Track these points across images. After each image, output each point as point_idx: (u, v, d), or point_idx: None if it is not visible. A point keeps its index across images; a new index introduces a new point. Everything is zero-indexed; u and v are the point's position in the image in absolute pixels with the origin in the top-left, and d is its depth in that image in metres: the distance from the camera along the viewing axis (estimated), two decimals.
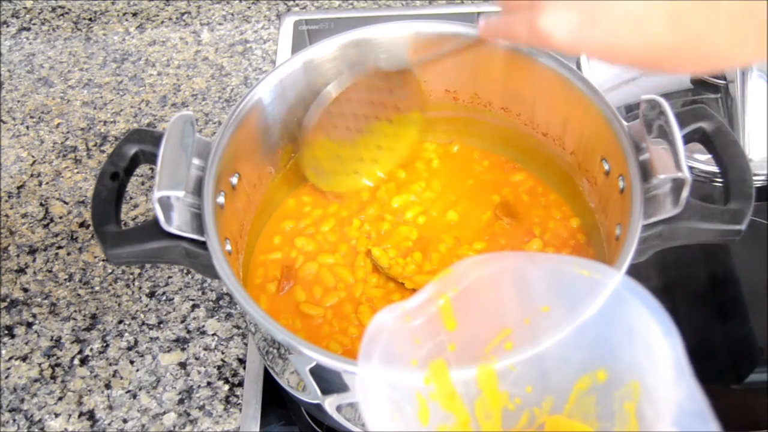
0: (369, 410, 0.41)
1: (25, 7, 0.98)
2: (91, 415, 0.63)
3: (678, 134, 0.50)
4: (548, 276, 0.45)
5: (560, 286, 0.45)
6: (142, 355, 0.66)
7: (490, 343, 0.46)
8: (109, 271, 0.72)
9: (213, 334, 0.67)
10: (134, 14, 0.97)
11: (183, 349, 0.67)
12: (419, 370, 0.44)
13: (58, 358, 0.67)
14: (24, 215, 0.77)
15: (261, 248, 0.65)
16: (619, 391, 0.44)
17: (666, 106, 0.52)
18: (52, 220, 0.76)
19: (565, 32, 0.44)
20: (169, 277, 0.71)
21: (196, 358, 0.66)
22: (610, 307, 0.43)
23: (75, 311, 0.70)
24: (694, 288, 0.69)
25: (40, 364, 0.67)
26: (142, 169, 0.79)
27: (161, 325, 0.68)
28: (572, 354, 0.44)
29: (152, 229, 0.50)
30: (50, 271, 0.72)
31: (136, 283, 0.71)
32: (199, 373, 0.65)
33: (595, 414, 0.45)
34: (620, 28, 0.42)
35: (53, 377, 0.66)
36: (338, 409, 0.53)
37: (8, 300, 0.71)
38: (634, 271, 0.49)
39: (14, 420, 0.63)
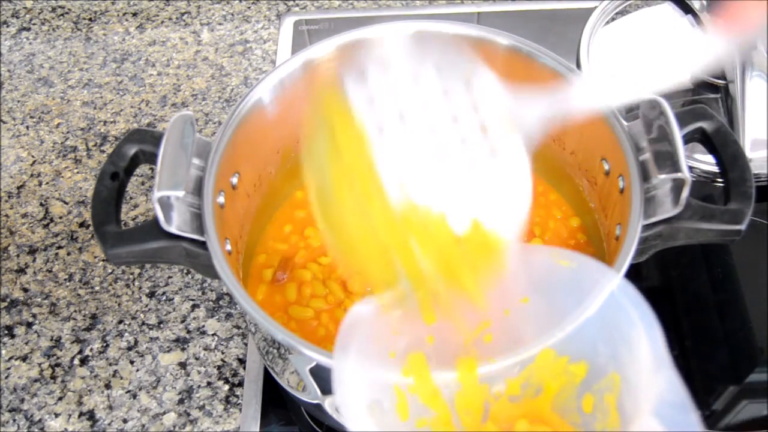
0: (346, 404, 0.40)
1: (25, 7, 0.98)
2: (91, 415, 0.63)
3: (678, 134, 0.50)
4: (527, 267, 0.45)
5: (539, 277, 0.44)
6: (142, 355, 0.67)
7: (469, 335, 0.46)
8: (109, 271, 0.72)
9: (213, 334, 0.67)
10: (134, 14, 0.97)
11: (183, 349, 0.67)
12: (397, 363, 0.43)
13: (58, 358, 0.67)
14: (24, 215, 0.77)
15: (270, 234, 0.65)
16: (599, 384, 0.44)
17: (666, 106, 0.52)
18: (52, 220, 0.76)
19: None
20: (169, 277, 0.71)
21: (196, 358, 0.66)
22: (591, 298, 0.42)
23: (75, 311, 0.70)
24: (694, 288, 0.69)
25: (40, 364, 0.67)
26: (142, 169, 0.79)
27: (161, 325, 0.68)
28: (550, 345, 0.43)
29: (152, 229, 0.50)
30: (50, 271, 0.72)
31: (136, 283, 0.71)
32: (199, 373, 0.65)
33: (575, 407, 0.45)
34: None
35: (53, 377, 0.66)
36: (338, 409, 0.53)
37: (8, 300, 0.71)
38: (634, 271, 0.49)
39: (14, 420, 0.63)
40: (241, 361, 0.66)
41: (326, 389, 0.51)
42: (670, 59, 0.46)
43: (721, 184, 0.52)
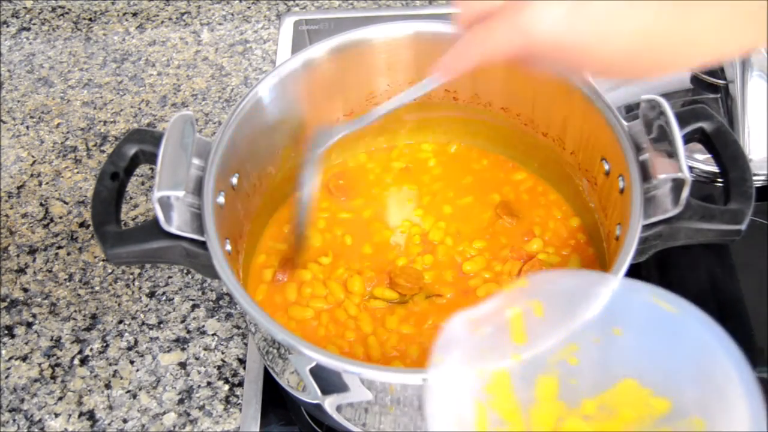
0: (435, 417, 0.42)
1: (25, 7, 0.98)
2: (91, 415, 0.63)
3: (678, 134, 0.50)
4: (628, 303, 0.45)
5: (638, 314, 0.45)
6: (142, 355, 0.66)
7: (555, 357, 0.46)
8: (109, 271, 0.72)
9: (213, 334, 0.67)
10: (134, 14, 0.97)
11: (183, 349, 0.67)
12: (483, 380, 0.44)
13: (58, 358, 0.67)
14: (24, 215, 0.77)
15: (270, 234, 0.65)
16: (681, 423, 0.44)
17: (666, 106, 0.52)
18: (52, 220, 0.76)
19: (549, 23, 0.42)
20: (169, 277, 0.71)
21: (196, 358, 0.66)
22: (687, 344, 0.43)
23: (75, 311, 0.70)
24: (694, 288, 0.69)
25: (40, 364, 0.67)
26: (142, 169, 0.79)
27: (161, 325, 0.68)
28: (635, 377, 0.44)
29: (152, 229, 0.50)
30: (50, 271, 0.72)
31: (136, 283, 0.71)
32: (199, 373, 0.65)
33: None
34: (606, 16, 0.41)
35: (53, 377, 0.66)
36: (338, 409, 0.53)
37: (8, 300, 0.71)
38: (634, 271, 0.49)
39: (14, 420, 0.63)
40: (241, 361, 0.66)
41: (326, 389, 0.51)
42: None
43: (721, 184, 0.52)
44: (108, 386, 0.65)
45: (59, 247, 0.74)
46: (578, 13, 0.42)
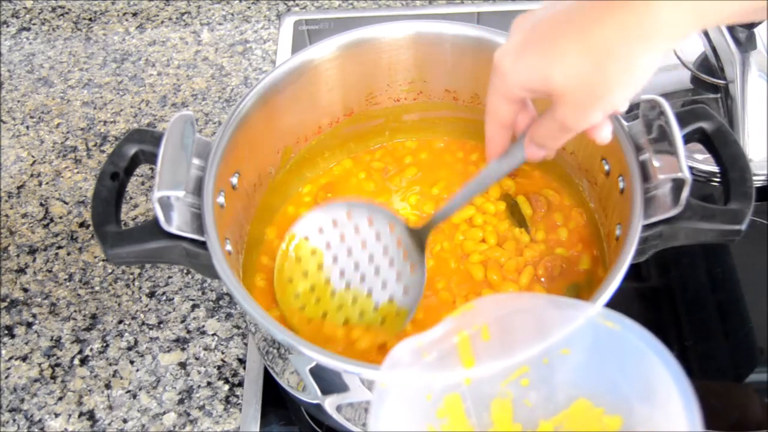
0: None
1: (25, 7, 0.98)
2: (91, 415, 0.63)
3: (678, 134, 0.50)
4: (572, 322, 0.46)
5: (584, 334, 0.45)
6: (142, 355, 0.67)
7: (506, 379, 0.46)
8: (109, 271, 0.72)
9: (213, 334, 0.67)
10: (134, 14, 0.97)
11: (183, 349, 0.67)
12: (433, 404, 0.44)
13: (58, 358, 0.67)
14: (24, 215, 0.77)
15: (270, 234, 0.65)
16: None
17: (666, 106, 0.52)
18: (52, 220, 0.76)
19: (517, 72, 0.45)
20: (169, 277, 0.71)
21: (196, 358, 0.66)
22: (632, 361, 0.43)
23: (75, 311, 0.70)
24: (694, 288, 0.69)
25: (40, 364, 0.67)
26: (142, 169, 0.79)
27: (161, 325, 0.68)
28: (586, 396, 0.45)
29: (152, 229, 0.50)
30: (50, 271, 0.72)
31: (136, 283, 0.71)
32: (199, 373, 0.65)
33: None
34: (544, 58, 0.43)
35: (53, 377, 0.66)
36: (338, 409, 0.53)
37: (8, 300, 0.71)
38: (634, 271, 0.49)
39: (14, 420, 0.63)
40: (241, 361, 0.66)
41: (326, 389, 0.51)
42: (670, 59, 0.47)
43: (721, 184, 0.52)
44: (108, 386, 0.65)
45: (59, 247, 0.74)
46: (522, 59, 0.45)
